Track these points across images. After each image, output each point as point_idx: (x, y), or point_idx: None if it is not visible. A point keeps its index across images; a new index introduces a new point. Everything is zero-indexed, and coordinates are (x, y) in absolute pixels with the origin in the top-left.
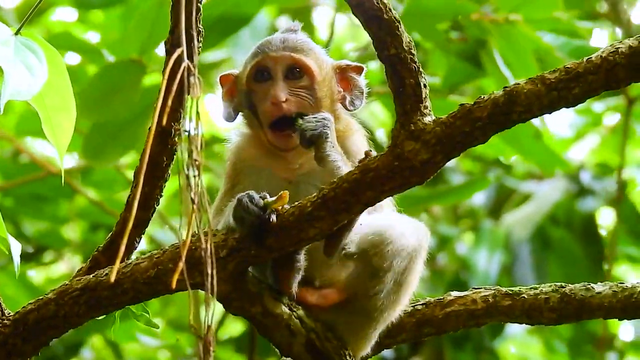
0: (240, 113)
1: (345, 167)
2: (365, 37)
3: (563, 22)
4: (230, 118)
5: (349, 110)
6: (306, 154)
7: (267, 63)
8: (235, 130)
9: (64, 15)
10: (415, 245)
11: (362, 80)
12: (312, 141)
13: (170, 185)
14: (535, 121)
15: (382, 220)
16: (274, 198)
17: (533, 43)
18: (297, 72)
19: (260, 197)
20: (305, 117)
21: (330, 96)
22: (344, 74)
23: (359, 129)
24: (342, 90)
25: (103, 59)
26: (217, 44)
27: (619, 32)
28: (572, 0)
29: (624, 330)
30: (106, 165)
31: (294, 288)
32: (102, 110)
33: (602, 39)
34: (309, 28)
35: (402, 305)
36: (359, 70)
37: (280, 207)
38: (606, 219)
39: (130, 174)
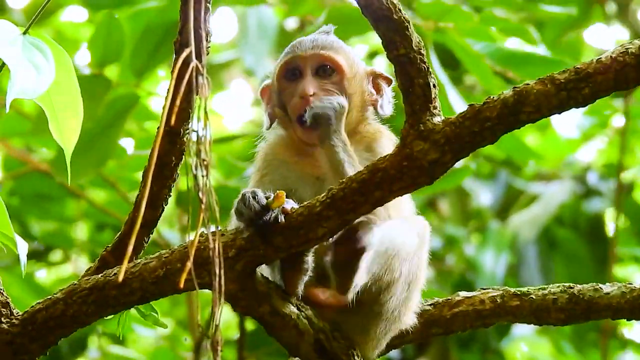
0: (276, 120)
1: (344, 154)
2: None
3: (511, 23)
4: (269, 126)
5: (379, 113)
6: None
7: (296, 62)
8: (270, 131)
9: (74, 16)
10: (417, 242)
11: (390, 91)
12: (316, 120)
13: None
14: None
15: (383, 236)
16: (272, 197)
17: (463, 50)
18: (327, 69)
19: (265, 196)
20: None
21: (360, 95)
22: (375, 80)
23: (388, 135)
24: (374, 93)
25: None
26: None
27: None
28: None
29: (633, 330)
30: (78, 180)
31: (300, 289)
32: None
33: (610, 39)
34: (316, 29)
35: (413, 304)
36: (389, 82)
37: (289, 208)
38: (612, 220)
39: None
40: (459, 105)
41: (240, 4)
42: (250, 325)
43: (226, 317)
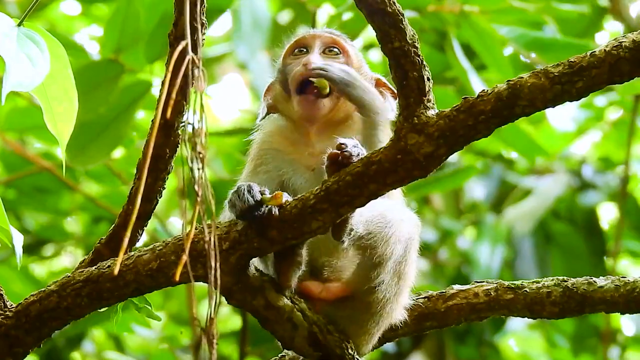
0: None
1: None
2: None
3: (528, 14)
4: (263, 117)
5: None
6: (328, 141)
7: (306, 40)
8: (267, 121)
9: (68, 9)
10: (411, 233)
11: (393, 102)
12: (340, 78)
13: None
14: None
15: (383, 205)
16: (270, 195)
17: (488, 35)
18: (335, 49)
19: (259, 190)
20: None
21: None
22: (379, 86)
23: (389, 126)
24: None
25: (87, 57)
26: None
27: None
28: None
29: (626, 324)
30: (89, 166)
31: (294, 282)
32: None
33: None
34: (312, 23)
35: (402, 299)
36: (393, 94)
37: (284, 201)
38: (608, 213)
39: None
40: None
41: None
42: (253, 318)
43: (228, 310)
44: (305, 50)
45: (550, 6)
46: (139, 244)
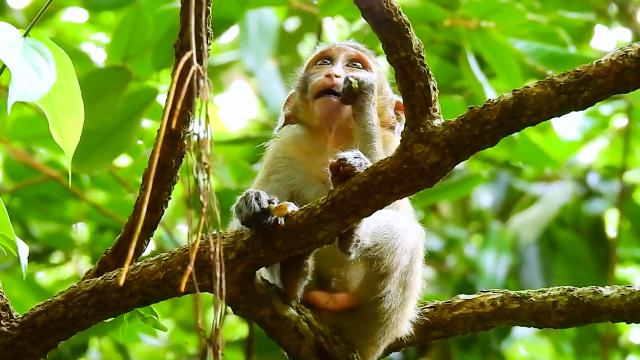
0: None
1: (376, 129)
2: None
3: (541, 26)
4: (281, 126)
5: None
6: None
7: (331, 52)
8: (282, 132)
9: (75, 16)
10: (416, 243)
11: None
12: (360, 86)
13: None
14: None
15: (388, 215)
16: (277, 204)
17: (503, 49)
18: (358, 64)
19: (267, 199)
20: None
21: (383, 107)
22: (397, 110)
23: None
24: (394, 117)
25: (92, 65)
26: None
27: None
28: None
29: (633, 333)
30: (93, 172)
31: (300, 292)
32: (86, 117)
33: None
34: (317, 31)
35: (408, 311)
36: None
37: (290, 211)
38: (614, 221)
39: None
40: None
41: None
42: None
43: (234, 318)
44: (329, 62)
45: (561, 16)
46: (145, 253)
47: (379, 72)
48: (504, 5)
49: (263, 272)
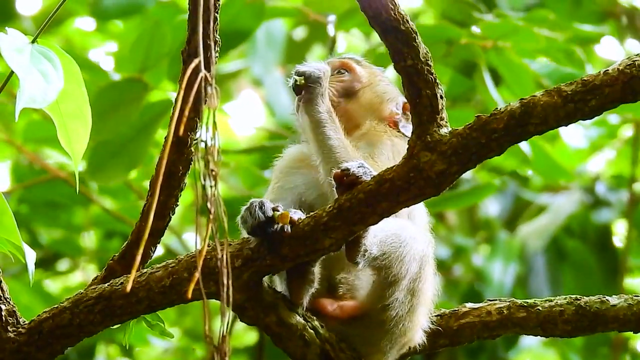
0: None
1: (328, 118)
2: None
3: (558, 43)
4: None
5: (399, 132)
6: None
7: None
8: (289, 146)
9: (83, 25)
10: (425, 251)
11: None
12: (306, 78)
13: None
14: None
15: (396, 224)
16: (281, 212)
17: (520, 68)
18: (342, 71)
19: (272, 207)
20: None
21: (376, 102)
22: (406, 111)
23: (396, 140)
24: (399, 112)
25: (106, 76)
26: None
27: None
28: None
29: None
30: (110, 183)
31: (306, 299)
32: (102, 128)
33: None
34: (324, 40)
35: (417, 319)
36: None
37: (296, 219)
38: (621, 230)
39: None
40: None
41: (285, 16)
42: None
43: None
44: None
45: (577, 29)
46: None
47: (367, 73)
48: (521, 29)
49: (269, 280)
